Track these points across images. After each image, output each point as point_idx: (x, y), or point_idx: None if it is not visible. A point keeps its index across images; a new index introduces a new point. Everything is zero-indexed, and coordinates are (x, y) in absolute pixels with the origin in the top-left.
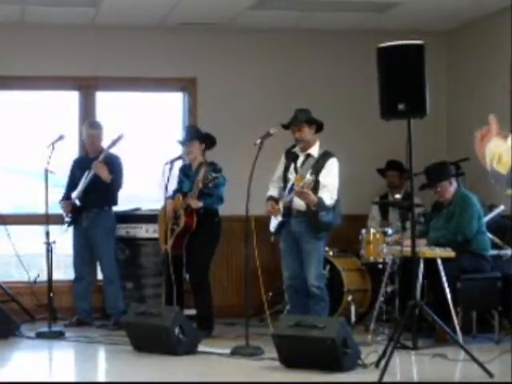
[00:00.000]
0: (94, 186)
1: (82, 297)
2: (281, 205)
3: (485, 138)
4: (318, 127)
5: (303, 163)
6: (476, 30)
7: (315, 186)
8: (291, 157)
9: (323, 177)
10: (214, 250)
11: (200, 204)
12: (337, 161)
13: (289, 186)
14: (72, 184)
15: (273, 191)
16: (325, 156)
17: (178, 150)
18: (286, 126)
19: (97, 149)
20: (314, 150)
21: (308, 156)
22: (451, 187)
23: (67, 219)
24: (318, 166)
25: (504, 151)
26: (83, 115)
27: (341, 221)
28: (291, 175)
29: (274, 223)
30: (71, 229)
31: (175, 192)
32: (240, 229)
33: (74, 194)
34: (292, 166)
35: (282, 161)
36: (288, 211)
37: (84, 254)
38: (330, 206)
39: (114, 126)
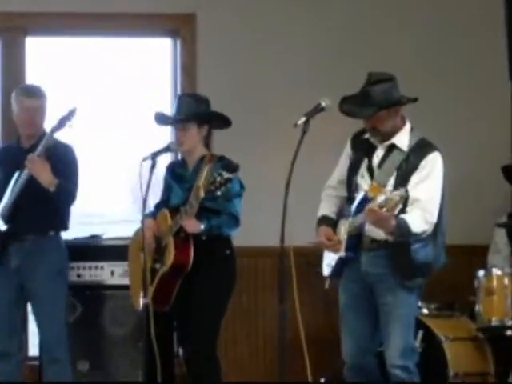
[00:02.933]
0: (28, 196)
1: None
2: (342, 231)
3: None
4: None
5: (383, 160)
6: None
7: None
8: (363, 148)
9: (415, 185)
10: (225, 305)
11: (201, 227)
12: (441, 158)
13: (358, 198)
14: None
15: (328, 206)
16: (420, 149)
17: (164, 135)
18: (346, 112)
19: (35, 132)
20: (402, 139)
21: (392, 148)
22: None
23: None
24: (408, 167)
25: None
26: (4, 75)
27: (446, 258)
28: (362, 180)
29: (329, 260)
30: None
31: (159, 206)
32: (269, 269)
33: None
34: (364, 165)
35: (347, 153)
36: (356, 241)
37: (11, 316)
38: (421, 235)
39: (64, 95)
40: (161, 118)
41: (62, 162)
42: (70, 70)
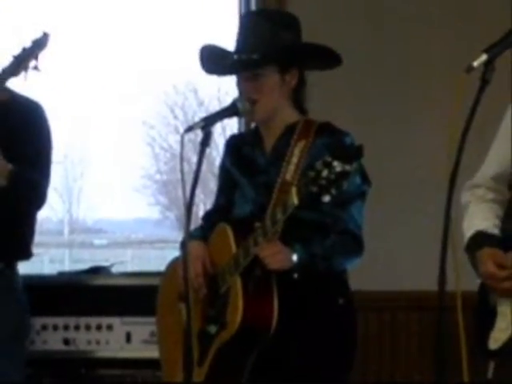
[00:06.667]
0: None
1: None
2: None
3: None
4: None
5: None
6: None
7: None
8: None
9: None
10: None
11: (293, 258)
12: None
13: None
14: None
15: (483, 215)
16: None
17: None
18: None
19: None
20: None
21: None
22: None
23: None
24: None
25: None
26: None
27: None
28: None
29: (503, 323)
30: None
31: (212, 217)
32: (416, 328)
33: None
34: None
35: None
36: None
37: None
38: None
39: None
40: (211, 61)
41: (22, 133)
42: None
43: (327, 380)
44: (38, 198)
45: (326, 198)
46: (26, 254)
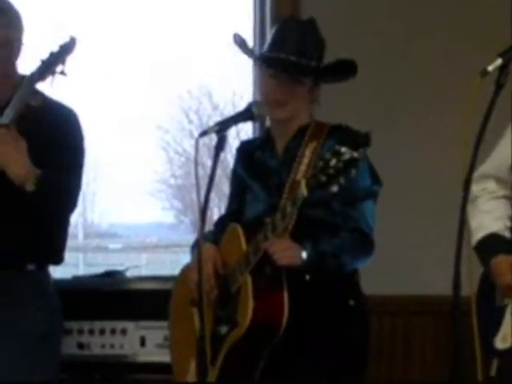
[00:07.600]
0: None
1: None
2: None
3: None
4: None
5: None
6: None
7: None
8: None
9: None
10: None
11: (302, 255)
12: None
13: None
14: None
15: (496, 214)
16: None
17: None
18: None
19: (5, 81)
20: None
21: None
22: None
23: None
24: None
25: None
26: None
27: None
28: None
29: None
30: None
31: (225, 221)
32: (431, 334)
33: None
34: None
35: None
36: None
37: None
38: None
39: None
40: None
41: (53, 137)
42: None
43: (338, 381)
44: (69, 202)
45: (335, 188)
46: (58, 259)
